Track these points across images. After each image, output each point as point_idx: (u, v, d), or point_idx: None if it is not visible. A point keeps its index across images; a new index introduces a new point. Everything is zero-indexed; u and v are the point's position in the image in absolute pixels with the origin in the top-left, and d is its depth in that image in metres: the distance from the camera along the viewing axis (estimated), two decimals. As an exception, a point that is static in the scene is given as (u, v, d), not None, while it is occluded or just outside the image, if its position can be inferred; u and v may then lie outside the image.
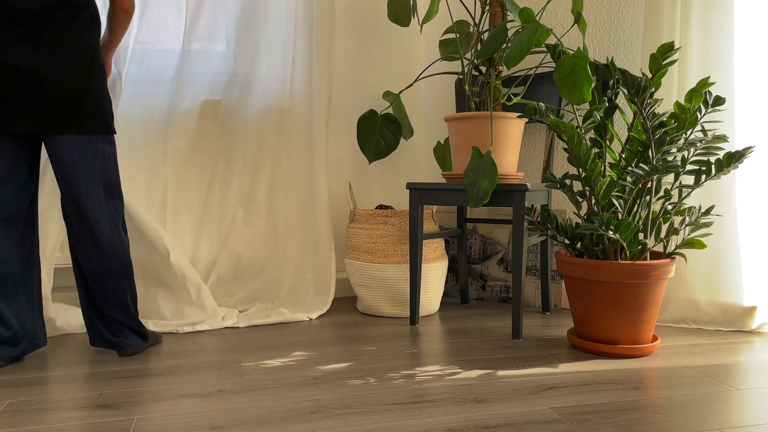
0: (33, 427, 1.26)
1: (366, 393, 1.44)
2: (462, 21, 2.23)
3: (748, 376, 1.56)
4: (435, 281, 2.26)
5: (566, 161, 2.38)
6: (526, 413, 1.31)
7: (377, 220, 2.25)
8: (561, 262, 1.81)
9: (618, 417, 1.29)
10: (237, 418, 1.30)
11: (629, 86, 1.65)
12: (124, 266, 1.71)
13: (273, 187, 2.38)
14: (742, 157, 1.66)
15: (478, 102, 2.06)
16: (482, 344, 1.87)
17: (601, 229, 1.64)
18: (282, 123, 2.37)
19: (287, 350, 1.82)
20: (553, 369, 1.62)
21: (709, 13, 1.97)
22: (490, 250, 2.51)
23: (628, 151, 1.77)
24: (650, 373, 1.58)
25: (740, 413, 1.32)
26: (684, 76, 2.01)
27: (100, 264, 1.67)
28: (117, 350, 1.75)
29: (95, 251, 1.66)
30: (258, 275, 2.36)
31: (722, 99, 1.66)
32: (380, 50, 2.67)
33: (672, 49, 1.66)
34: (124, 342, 1.74)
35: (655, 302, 1.73)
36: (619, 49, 2.25)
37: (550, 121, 1.69)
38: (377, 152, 2.29)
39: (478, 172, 1.84)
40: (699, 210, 1.77)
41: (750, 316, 1.97)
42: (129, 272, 1.73)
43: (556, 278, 2.38)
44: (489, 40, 1.87)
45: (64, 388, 1.49)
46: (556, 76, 1.73)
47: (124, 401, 1.40)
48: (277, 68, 2.36)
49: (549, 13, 2.38)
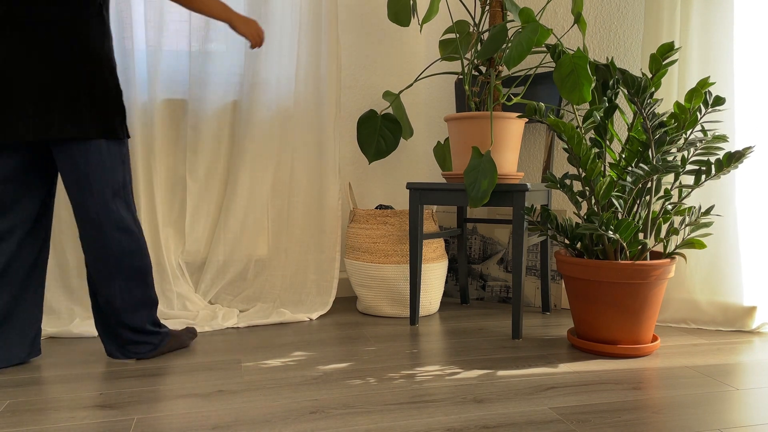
0: (33, 427, 1.26)
1: (366, 393, 1.44)
2: (462, 21, 2.23)
3: (748, 376, 1.56)
4: (435, 281, 2.26)
5: (566, 161, 2.37)
6: (526, 413, 1.31)
7: (377, 220, 2.25)
8: (561, 262, 1.81)
9: (618, 417, 1.29)
10: (237, 418, 1.30)
11: (629, 86, 1.65)
12: (133, 269, 1.64)
13: (278, 187, 2.37)
14: (742, 157, 1.66)
15: (478, 102, 2.06)
16: (482, 344, 1.87)
17: (601, 229, 1.64)
18: (287, 123, 2.36)
19: (287, 350, 1.82)
20: (553, 369, 1.62)
21: (709, 13, 1.97)
22: (490, 250, 2.51)
23: (628, 151, 1.77)
24: (650, 373, 1.58)
25: (740, 413, 1.32)
26: (684, 76, 2.01)
27: (105, 266, 1.62)
28: (129, 357, 1.71)
29: (101, 253, 1.61)
30: (260, 275, 2.36)
31: (722, 99, 1.66)
32: (380, 50, 2.67)
33: (672, 49, 1.66)
34: (133, 351, 1.70)
35: (655, 302, 1.73)
36: (619, 49, 2.25)
37: (550, 121, 1.69)
38: (377, 152, 2.29)
39: (478, 172, 1.84)
40: (699, 210, 1.77)
41: (750, 316, 1.97)
42: (138, 275, 1.66)
43: (556, 278, 2.38)
44: (489, 40, 1.87)
45: (64, 388, 1.49)
46: (556, 76, 1.73)
47: (124, 401, 1.40)
48: (282, 68, 2.35)
49: (549, 13, 2.38)
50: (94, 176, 1.58)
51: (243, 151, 2.31)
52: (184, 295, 2.22)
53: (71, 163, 1.57)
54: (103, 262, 1.62)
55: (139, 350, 1.71)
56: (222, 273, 2.32)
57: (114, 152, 1.61)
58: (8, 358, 1.64)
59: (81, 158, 1.56)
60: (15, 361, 1.66)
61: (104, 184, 1.59)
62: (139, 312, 1.67)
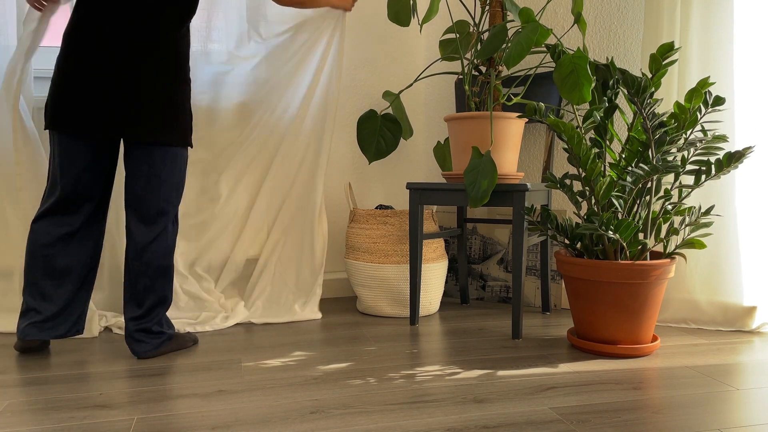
0: (33, 427, 1.26)
1: (366, 393, 1.44)
2: (462, 21, 2.23)
3: (748, 376, 1.56)
4: (435, 281, 2.26)
5: (566, 161, 2.38)
6: (526, 413, 1.31)
7: (377, 220, 2.25)
8: (561, 262, 1.81)
9: (618, 417, 1.29)
10: (237, 418, 1.30)
11: (629, 86, 1.65)
12: (160, 267, 1.71)
13: (276, 186, 2.36)
14: (742, 157, 1.66)
15: (478, 102, 2.06)
16: (482, 344, 1.87)
17: (601, 229, 1.64)
18: (290, 124, 2.34)
19: (287, 350, 1.82)
20: (553, 369, 1.62)
21: (709, 13, 1.97)
22: (490, 250, 2.51)
23: (628, 151, 1.77)
24: (650, 373, 1.58)
25: (740, 413, 1.32)
26: (684, 76, 2.01)
27: (138, 262, 1.70)
28: (135, 353, 1.74)
29: (135, 248, 1.70)
30: (261, 276, 2.34)
31: (722, 99, 1.66)
32: (380, 50, 2.67)
33: (672, 49, 1.66)
34: (139, 348, 1.73)
35: (655, 302, 1.73)
36: (619, 49, 2.25)
37: (550, 121, 1.69)
38: (377, 152, 2.29)
39: (478, 172, 1.84)
40: (699, 210, 1.77)
41: (750, 316, 1.97)
42: (164, 274, 1.73)
43: (556, 278, 2.38)
44: (489, 40, 1.87)
45: (64, 388, 1.49)
46: (556, 76, 1.73)
47: (124, 401, 1.40)
48: (282, 68, 2.33)
49: (549, 13, 2.38)
50: (165, 175, 1.70)
51: (243, 152, 2.29)
52: (195, 293, 2.21)
53: (148, 162, 1.68)
54: (136, 257, 1.70)
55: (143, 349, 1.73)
56: (228, 273, 2.31)
57: (184, 158, 1.76)
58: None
59: (159, 159, 1.69)
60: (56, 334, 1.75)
61: (170, 184, 1.72)
62: (156, 309, 1.73)
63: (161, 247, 1.71)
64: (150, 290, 1.71)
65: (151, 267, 1.70)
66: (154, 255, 1.70)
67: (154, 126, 1.65)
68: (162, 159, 1.69)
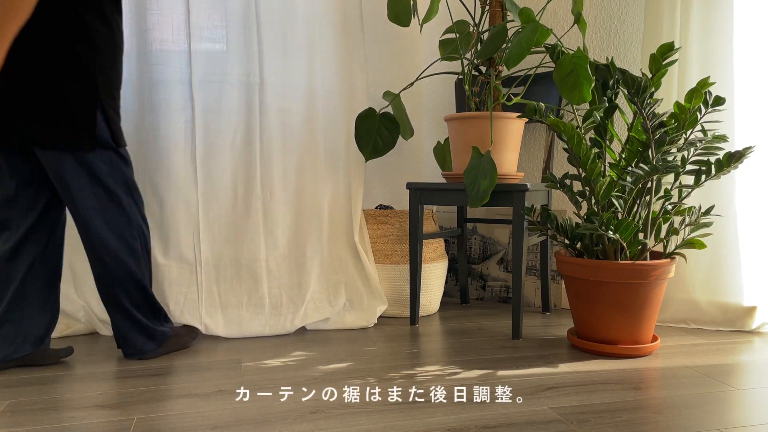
0: (33, 427, 1.26)
1: (366, 393, 1.44)
2: (462, 21, 2.22)
3: (748, 376, 1.56)
4: (435, 281, 2.26)
5: (566, 161, 2.37)
6: (526, 413, 1.31)
7: (377, 220, 2.25)
8: (561, 262, 1.81)
9: (618, 417, 1.29)
10: (237, 418, 1.30)
11: (629, 86, 1.65)
12: (123, 273, 1.63)
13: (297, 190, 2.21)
14: (742, 157, 1.66)
15: (478, 102, 2.06)
16: (482, 344, 1.87)
17: (601, 229, 1.64)
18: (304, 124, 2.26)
19: (287, 350, 1.82)
20: (553, 369, 1.62)
21: (709, 13, 1.97)
22: (490, 250, 2.51)
23: (628, 151, 1.77)
24: (650, 373, 1.58)
25: (740, 413, 1.32)
26: (684, 76, 2.01)
27: (97, 269, 1.62)
28: (128, 355, 1.72)
29: (93, 256, 1.62)
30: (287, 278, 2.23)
31: (722, 99, 1.66)
32: (380, 50, 2.67)
33: (672, 49, 1.66)
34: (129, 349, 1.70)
35: (655, 302, 1.73)
36: (619, 49, 2.25)
37: (550, 121, 1.69)
38: (374, 150, 2.27)
39: (478, 172, 1.84)
40: (699, 210, 1.77)
41: (750, 316, 1.97)
42: (131, 280, 1.65)
43: (556, 278, 2.38)
44: (489, 40, 1.87)
45: (64, 388, 1.49)
46: (556, 76, 1.73)
47: (124, 401, 1.40)
48: (296, 69, 2.28)
49: (549, 13, 2.38)
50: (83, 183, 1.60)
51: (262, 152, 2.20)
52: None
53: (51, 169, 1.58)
54: (96, 265, 1.64)
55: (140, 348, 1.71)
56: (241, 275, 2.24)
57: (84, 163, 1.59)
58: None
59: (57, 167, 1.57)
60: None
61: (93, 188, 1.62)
62: (130, 309, 1.69)
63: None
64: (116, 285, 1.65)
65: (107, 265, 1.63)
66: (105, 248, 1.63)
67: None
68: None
